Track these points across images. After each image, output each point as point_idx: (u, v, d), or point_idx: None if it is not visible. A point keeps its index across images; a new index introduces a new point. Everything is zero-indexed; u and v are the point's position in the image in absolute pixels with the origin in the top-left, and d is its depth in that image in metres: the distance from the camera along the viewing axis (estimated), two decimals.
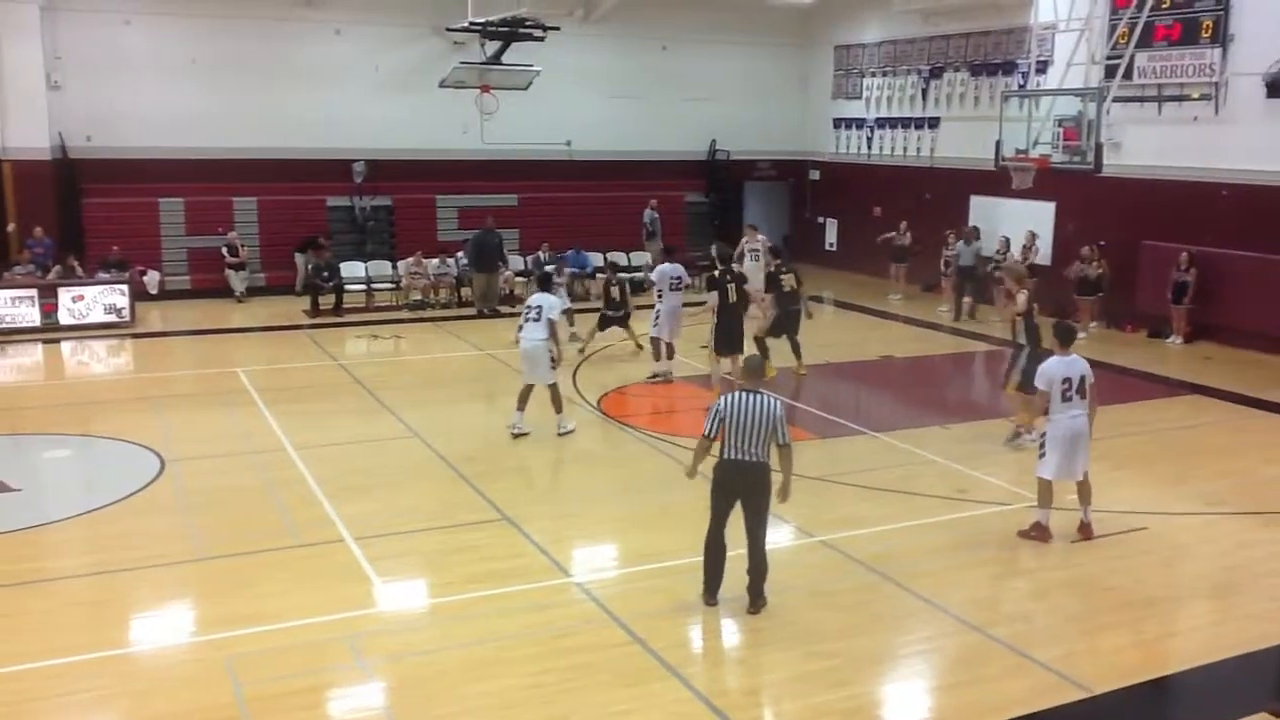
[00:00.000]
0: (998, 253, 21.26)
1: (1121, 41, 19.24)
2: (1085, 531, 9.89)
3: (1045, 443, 9.81)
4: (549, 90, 24.04)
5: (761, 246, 20.80)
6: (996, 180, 20.29)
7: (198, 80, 22.92)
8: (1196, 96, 18.84)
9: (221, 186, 23.06)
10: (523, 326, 12.89)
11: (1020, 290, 12.86)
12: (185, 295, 22.39)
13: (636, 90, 26.64)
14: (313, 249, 22.08)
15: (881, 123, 26.66)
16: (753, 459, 8.04)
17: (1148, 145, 19.62)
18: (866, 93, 27.13)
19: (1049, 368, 9.75)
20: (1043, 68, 21.28)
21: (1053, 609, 8.61)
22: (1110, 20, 19.63)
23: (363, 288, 22.30)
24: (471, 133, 24.48)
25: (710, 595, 8.35)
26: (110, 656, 7.64)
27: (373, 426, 13.59)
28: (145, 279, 21.72)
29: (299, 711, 6.92)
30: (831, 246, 28.21)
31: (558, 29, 22.99)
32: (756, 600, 8.28)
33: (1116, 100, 19.01)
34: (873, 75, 26.92)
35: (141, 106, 22.48)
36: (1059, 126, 18.62)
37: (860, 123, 27.35)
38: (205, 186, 22.93)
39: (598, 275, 23.68)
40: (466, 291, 22.49)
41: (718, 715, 6.90)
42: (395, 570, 9.15)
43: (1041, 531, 9.83)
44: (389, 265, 23.12)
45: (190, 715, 6.84)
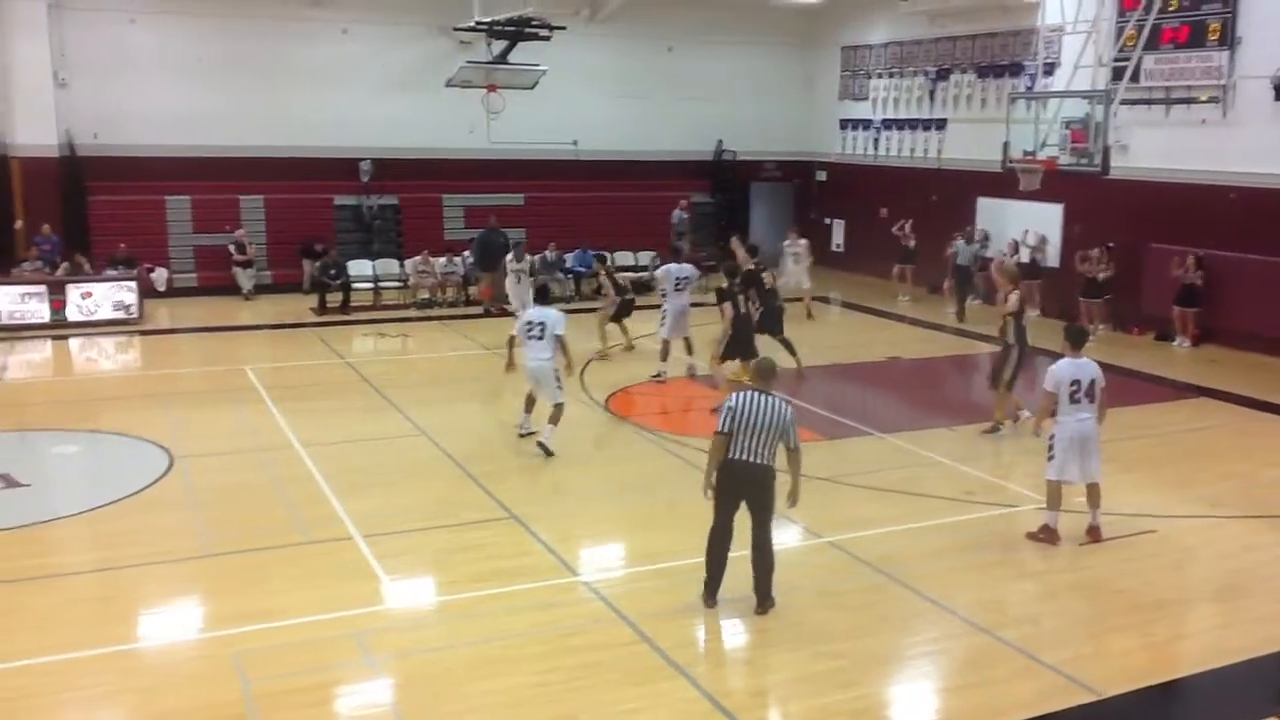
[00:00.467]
0: (1003, 254, 21.24)
1: (1129, 44, 19.20)
2: (1094, 534, 9.88)
3: (1053, 445, 9.77)
4: (555, 90, 24.04)
5: (804, 249, 20.78)
6: (1004, 182, 20.27)
7: (204, 78, 22.95)
8: (1204, 99, 18.81)
9: (228, 185, 23.08)
10: (524, 344, 12.20)
11: (1012, 290, 12.95)
12: (193, 293, 22.43)
13: (643, 90, 26.65)
14: (307, 257, 22.18)
15: (888, 124, 26.64)
16: (758, 461, 8.02)
17: (1155, 148, 19.60)
18: (873, 94, 27.12)
19: (1058, 370, 9.68)
20: (1050, 70, 21.23)
21: (1061, 611, 8.60)
22: (1118, 22, 19.60)
23: (370, 286, 22.34)
24: (478, 132, 24.46)
25: (710, 597, 8.30)
26: (117, 652, 7.66)
27: (380, 424, 13.61)
28: (153, 276, 21.75)
29: (306, 709, 6.94)
30: (838, 248, 28.19)
31: (564, 29, 23.00)
32: (764, 601, 8.26)
33: (1124, 103, 18.98)
34: (879, 76, 26.90)
35: (148, 104, 22.51)
36: (1066, 129, 18.60)
37: (867, 124, 27.33)
38: (212, 185, 22.95)
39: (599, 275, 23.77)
40: (474, 290, 22.53)
41: (725, 715, 6.91)
42: (402, 568, 9.15)
43: (1050, 534, 9.82)
44: (396, 264, 23.16)
45: (197, 712, 6.85)
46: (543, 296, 12.97)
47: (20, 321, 19.03)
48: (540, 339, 12.03)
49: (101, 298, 19.78)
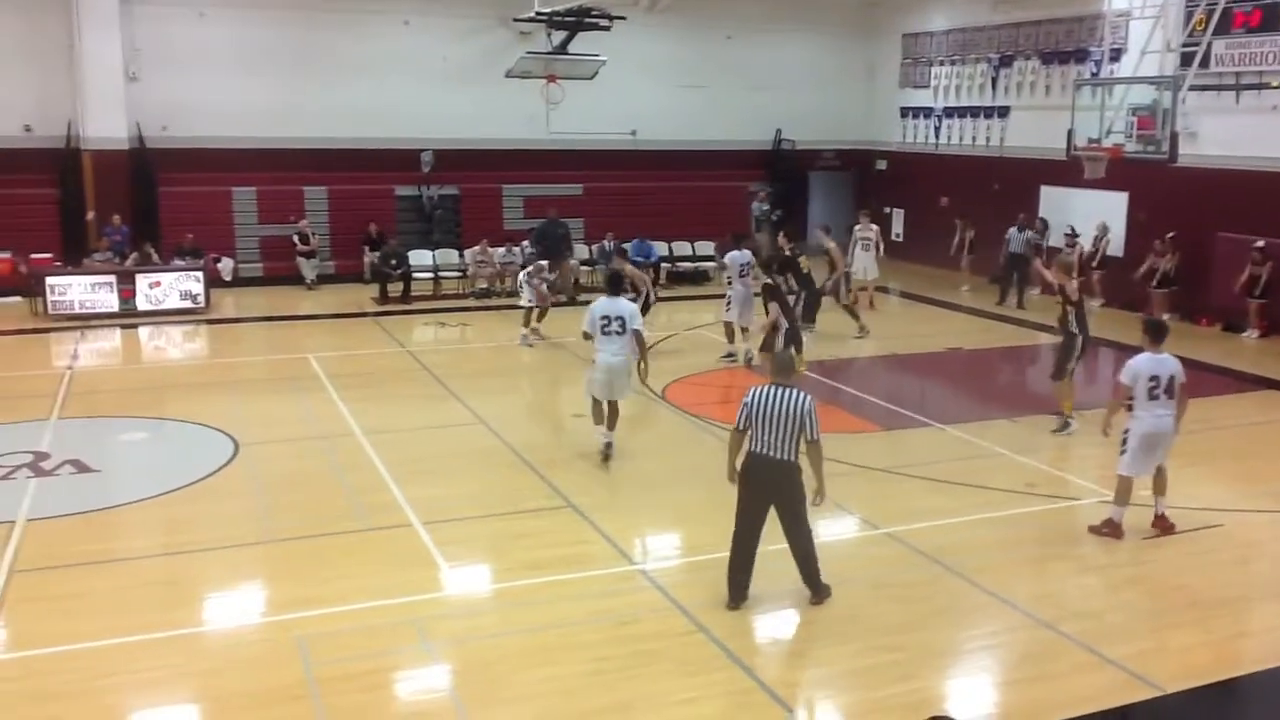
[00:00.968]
0: (1067, 243, 20.93)
1: (1198, 28, 18.82)
2: (1162, 524, 9.73)
3: (1127, 439, 9.61)
4: (614, 80, 24.07)
5: (875, 235, 20.60)
6: (1068, 170, 19.99)
7: (270, 71, 23.28)
8: (1276, 85, 18.35)
9: (293, 176, 23.41)
10: (597, 339, 11.42)
11: (1070, 281, 12.78)
12: (257, 282, 22.78)
13: (701, 80, 26.58)
14: (368, 246, 22.47)
15: (949, 112, 26.33)
16: (779, 456, 7.85)
17: (1224, 135, 19.15)
18: (934, 81, 26.80)
19: (1137, 364, 9.52)
20: (1116, 55, 20.86)
21: (1123, 606, 8.48)
22: (1186, 7, 19.19)
23: (430, 275, 22.56)
24: (537, 122, 24.58)
25: (733, 601, 8.15)
26: (182, 635, 7.83)
27: (440, 413, 13.75)
28: (219, 266, 22.13)
29: (366, 692, 7.05)
30: (898, 237, 27.93)
31: (623, 19, 23.00)
32: (817, 591, 8.21)
33: (1192, 89, 18.60)
34: (940, 64, 26.58)
35: (216, 97, 22.87)
36: (1133, 115, 18.28)
37: (928, 112, 27.02)
38: (277, 176, 23.29)
39: (661, 265, 23.83)
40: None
41: (780, 705, 6.92)
42: (461, 555, 9.26)
43: (1114, 528, 9.68)
44: (456, 253, 23.35)
45: (260, 694, 6.98)
46: (614, 286, 11.95)
47: (91, 311, 19.46)
48: (620, 334, 11.33)
49: (169, 287, 20.15)
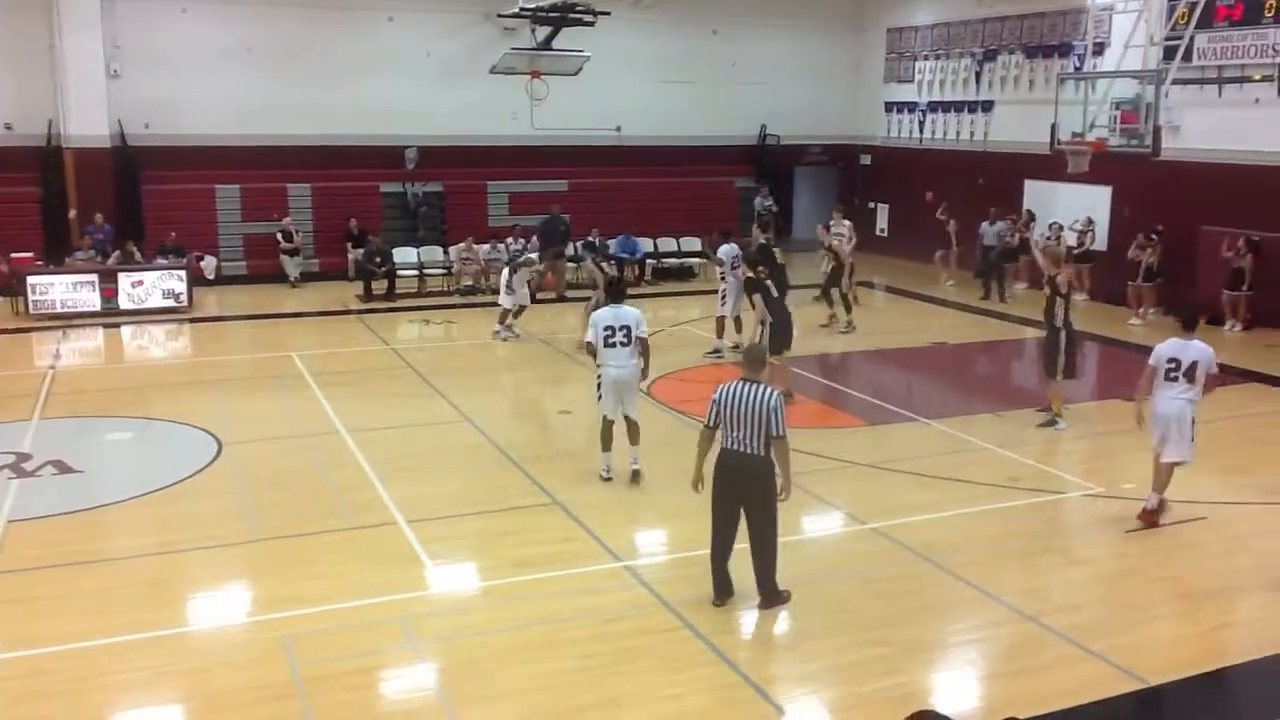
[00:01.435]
0: (1047, 237, 21.01)
1: (1181, 22, 18.92)
2: (1146, 517, 9.80)
3: (1151, 420, 9.88)
4: (599, 75, 24.05)
5: (848, 230, 20.59)
6: (1051, 164, 20.07)
7: (253, 68, 23.18)
8: (1258, 78, 18.44)
9: (276, 173, 23.32)
10: (601, 352, 10.58)
11: (1058, 273, 12.73)
12: (241, 280, 22.70)
13: (687, 75, 26.56)
14: (352, 243, 22.41)
15: (934, 106, 26.38)
16: (748, 451, 7.80)
17: (1207, 128, 19.24)
18: (919, 76, 26.85)
19: (1160, 347, 9.87)
20: (1099, 49, 20.95)
21: (1107, 598, 8.51)
22: (1169, 1, 19.27)
23: (415, 273, 22.50)
24: (522, 118, 24.55)
25: (718, 597, 8.15)
26: (168, 635, 7.79)
27: (425, 410, 13.72)
28: (202, 264, 22.04)
29: (352, 691, 7.03)
30: (882, 232, 27.99)
31: (608, 14, 22.96)
32: (767, 596, 8.07)
33: (1175, 82, 18.70)
34: (925, 58, 26.63)
35: (198, 94, 22.77)
36: (1116, 109, 18.40)
37: (912, 106, 27.08)
38: (260, 173, 23.20)
39: (646, 261, 23.82)
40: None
41: (766, 701, 6.92)
42: (446, 552, 9.25)
43: (1146, 515, 9.82)
44: (441, 251, 23.28)
45: (247, 692, 6.96)
46: (618, 293, 11.10)
47: (73, 310, 19.35)
48: (626, 344, 10.50)
49: (152, 286, 20.05)
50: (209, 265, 22.32)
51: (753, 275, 14.42)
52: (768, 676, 7.27)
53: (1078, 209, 21.18)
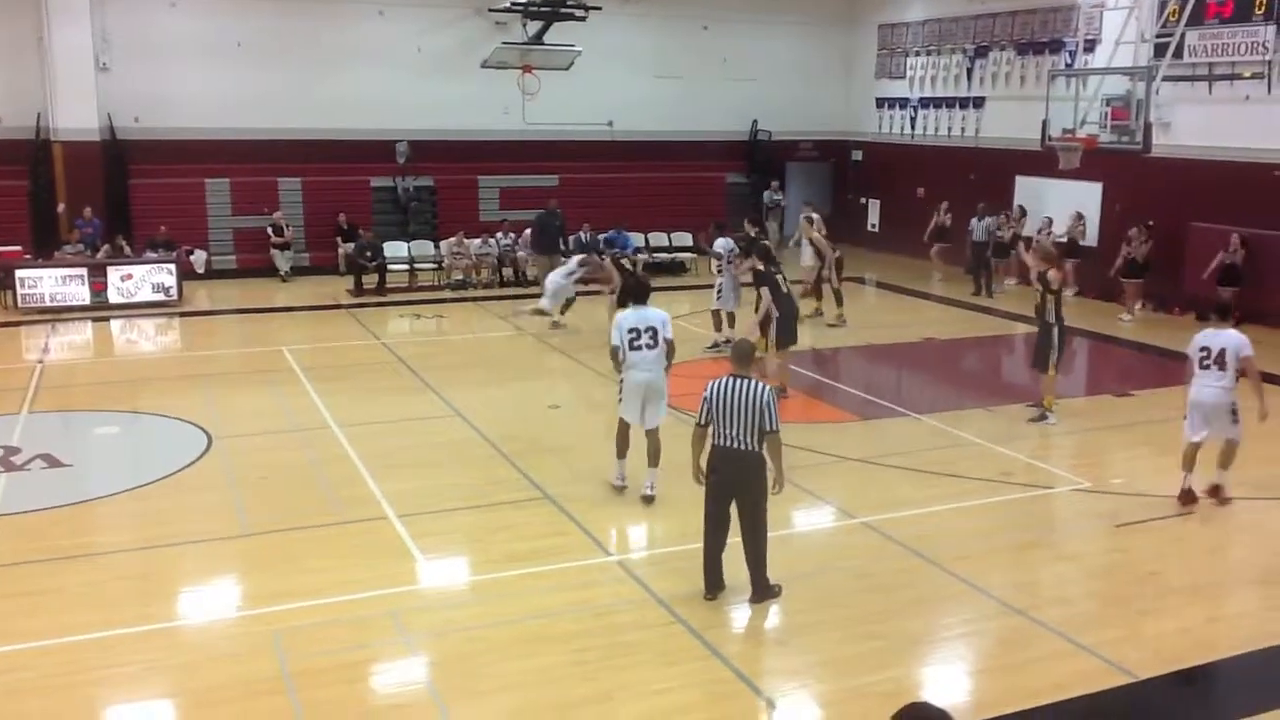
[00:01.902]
0: (1039, 231, 21.08)
1: (1172, 19, 18.95)
2: (1215, 494, 10.19)
3: (1187, 407, 10.27)
4: (590, 70, 24.03)
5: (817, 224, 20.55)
6: (1043, 160, 20.10)
7: (243, 61, 23.09)
8: (1248, 75, 18.47)
9: (267, 167, 23.24)
10: (626, 356, 10.16)
11: (1051, 269, 12.80)
12: (231, 274, 22.63)
13: (678, 70, 26.54)
14: (342, 237, 22.37)
15: (925, 102, 26.39)
16: (742, 447, 7.79)
17: (1197, 125, 19.26)
18: (910, 72, 26.86)
19: (1195, 337, 10.28)
20: (1091, 46, 20.98)
21: (1097, 593, 8.54)
22: None
23: (405, 267, 22.45)
24: (513, 113, 24.50)
25: (710, 592, 8.15)
26: (157, 630, 7.77)
27: (416, 405, 13.70)
28: (192, 258, 21.97)
29: (343, 685, 7.01)
30: (874, 228, 28.02)
31: (599, 9, 22.96)
32: (759, 591, 8.07)
33: (1166, 79, 18.72)
34: (917, 54, 26.64)
35: (188, 88, 22.69)
36: (1107, 106, 18.42)
37: (904, 102, 27.09)
38: (251, 167, 23.12)
39: (637, 255, 23.76)
40: (509, 272, 22.61)
41: (758, 695, 6.93)
42: (438, 547, 9.23)
43: (1185, 495, 10.11)
44: (431, 245, 23.24)
45: (236, 687, 6.94)
46: (642, 295, 10.51)
47: (62, 304, 19.28)
48: (653, 347, 10.04)
49: (141, 280, 19.98)
50: (199, 259, 22.26)
51: (761, 268, 14.40)
52: (759, 670, 7.27)
53: (1069, 205, 21.22)
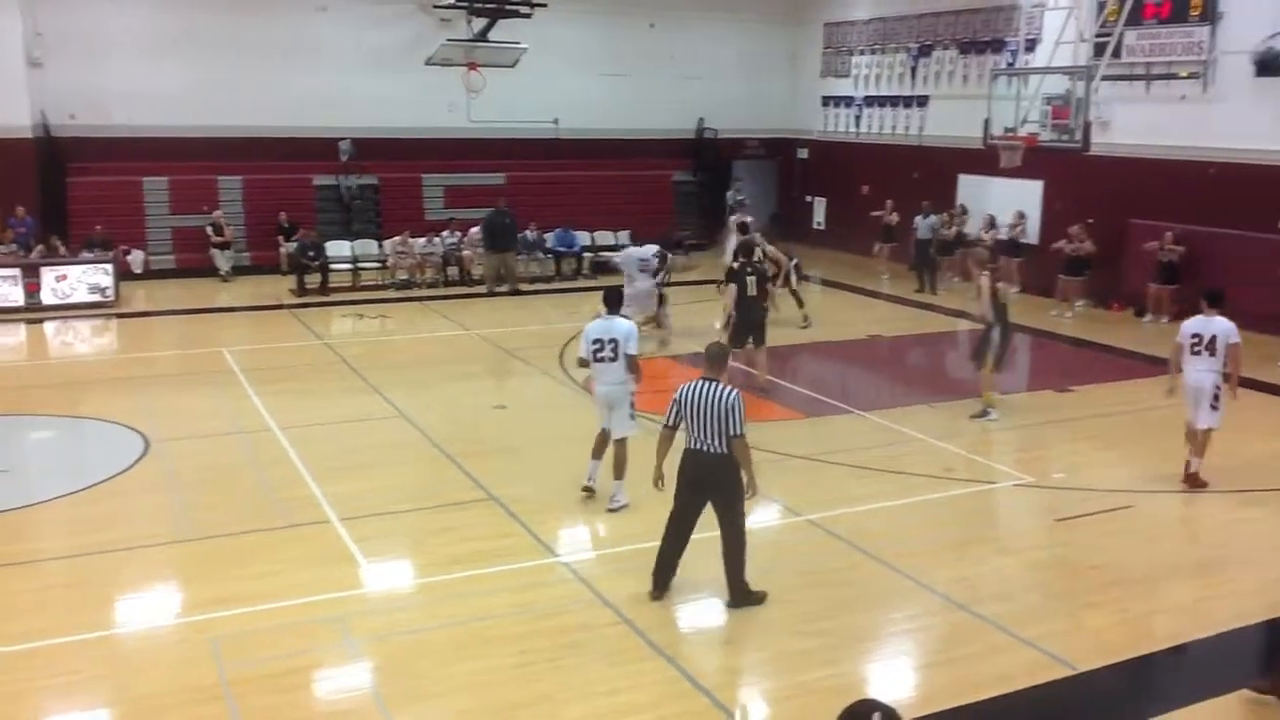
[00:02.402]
0: (982, 230, 21.33)
1: (1110, 19, 19.24)
2: (1192, 480, 10.65)
3: (1184, 390, 10.73)
4: (536, 68, 23.95)
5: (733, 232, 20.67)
6: (985, 158, 20.31)
7: (182, 57, 22.69)
8: (1185, 75, 18.80)
9: (206, 165, 22.90)
10: (594, 367, 10.06)
11: (981, 273, 13.11)
12: (170, 274, 22.25)
13: (624, 68, 26.51)
14: (283, 235, 22.14)
15: (870, 101, 26.58)
16: (711, 450, 7.80)
17: (1136, 124, 19.57)
18: (855, 70, 27.04)
19: (1185, 324, 10.80)
20: (1031, 46, 21.25)
21: (1037, 587, 8.63)
22: None
23: (349, 267, 22.22)
24: (458, 111, 24.35)
25: (656, 591, 8.12)
26: (94, 639, 7.61)
27: (359, 406, 13.54)
28: (129, 258, 21.58)
29: (284, 692, 6.91)
30: (819, 225, 28.18)
31: (545, 5, 22.91)
32: (735, 595, 8.05)
33: (1105, 79, 19.00)
34: (862, 53, 26.82)
35: (125, 84, 22.25)
36: (1047, 105, 18.64)
37: (849, 101, 27.26)
38: (190, 165, 22.76)
39: (584, 254, 23.73)
40: (454, 271, 22.46)
41: (704, 694, 6.91)
42: (382, 550, 9.13)
43: (1191, 478, 10.69)
44: (375, 244, 23.01)
45: (174, 696, 6.81)
46: (613, 304, 10.29)
47: None
48: (614, 360, 9.90)
49: (77, 280, 19.58)
50: (136, 259, 21.87)
51: (734, 266, 14.47)
52: (706, 669, 7.26)
53: (1010, 203, 21.48)
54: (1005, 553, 9.41)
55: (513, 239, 22.06)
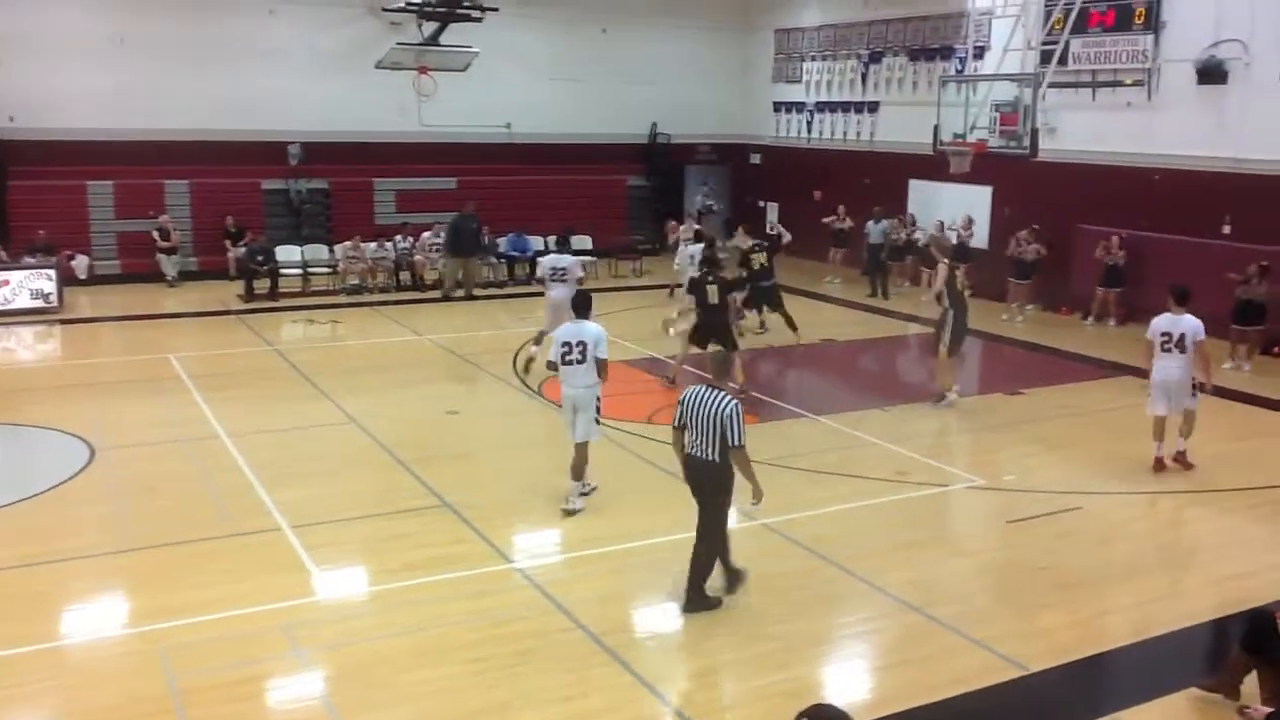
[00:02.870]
0: (932, 236, 21.53)
1: (1057, 28, 19.50)
2: (1182, 461, 11.33)
3: (1151, 386, 11.26)
4: (487, 72, 23.84)
5: (684, 236, 20.71)
6: (935, 164, 20.48)
7: (127, 59, 22.34)
8: (1130, 82, 19.11)
9: (152, 169, 22.54)
10: (562, 370, 10.03)
11: (943, 259, 13.85)
12: (115, 280, 21.89)
13: (576, 73, 26.46)
14: (230, 240, 21.97)
15: (821, 106, 26.75)
16: (704, 456, 7.88)
17: (1082, 130, 19.88)
18: (806, 76, 27.20)
19: (1154, 322, 11.19)
20: (980, 53, 21.48)
21: (990, 589, 8.71)
22: (1045, 6, 19.90)
23: (299, 272, 21.99)
24: (409, 115, 24.18)
25: (729, 587, 8.26)
26: (40, 650, 7.48)
27: (309, 412, 13.38)
28: (73, 263, 21.20)
29: (235, 703, 6.81)
30: (772, 230, 28.23)
31: (496, 10, 22.81)
32: (691, 599, 8.03)
33: (1052, 86, 19.23)
34: (813, 59, 26.99)
35: (68, 86, 21.85)
36: (996, 111, 18.81)
37: (800, 106, 27.42)
38: (135, 169, 22.39)
39: (537, 259, 23.62)
40: (405, 276, 22.31)
41: (659, 699, 6.91)
42: (333, 558, 9.02)
43: (1158, 463, 11.27)
44: (325, 249, 22.79)
45: (123, 708, 6.70)
46: (582, 308, 10.14)
47: None
48: (581, 362, 9.83)
49: (19, 286, 19.21)
50: (81, 264, 21.49)
51: (696, 276, 14.48)
52: (660, 674, 7.25)
53: (960, 208, 21.70)
54: (958, 555, 9.49)
55: (478, 244, 21.96)
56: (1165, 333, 11.07)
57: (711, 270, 14.43)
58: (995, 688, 7.09)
